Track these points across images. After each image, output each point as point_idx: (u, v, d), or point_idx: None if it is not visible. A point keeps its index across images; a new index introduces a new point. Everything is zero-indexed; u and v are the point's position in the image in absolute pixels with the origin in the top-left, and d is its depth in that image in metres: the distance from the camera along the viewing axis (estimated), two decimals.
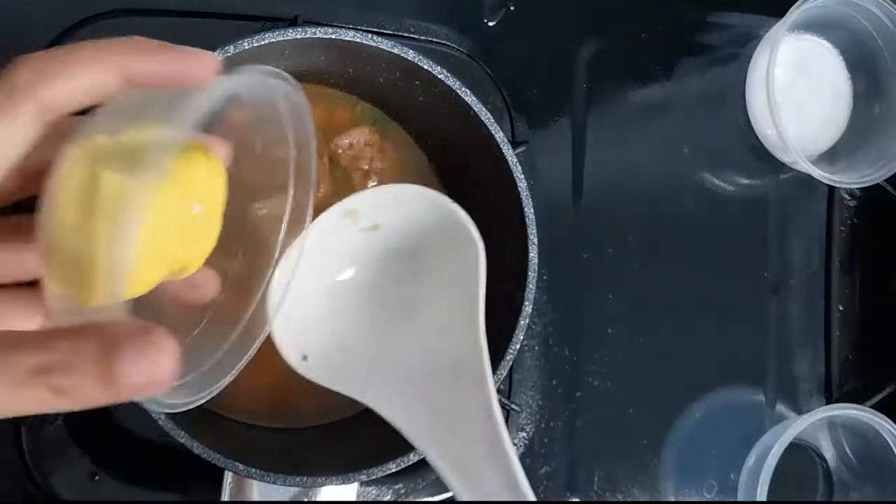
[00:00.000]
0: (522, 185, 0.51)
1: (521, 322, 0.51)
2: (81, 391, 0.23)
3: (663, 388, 0.64)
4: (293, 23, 0.55)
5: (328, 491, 0.50)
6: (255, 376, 0.53)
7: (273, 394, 0.53)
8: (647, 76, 0.66)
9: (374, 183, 0.56)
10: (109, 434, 0.54)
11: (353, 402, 0.56)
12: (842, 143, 0.67)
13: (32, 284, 0.30)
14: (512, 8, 0.63)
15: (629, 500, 0.63)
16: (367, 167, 0.56)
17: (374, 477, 0.47)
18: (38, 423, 0.52)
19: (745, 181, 0.68)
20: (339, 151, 0.55)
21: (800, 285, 0.68)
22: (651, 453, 0.64)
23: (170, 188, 0.28)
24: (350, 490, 0.50)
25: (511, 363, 0.51)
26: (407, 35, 0.61)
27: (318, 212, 0.37)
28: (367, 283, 0.37)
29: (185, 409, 0.30)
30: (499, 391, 0.54)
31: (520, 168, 0.51)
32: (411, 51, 0.50)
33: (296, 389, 0.53)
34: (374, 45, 0.49)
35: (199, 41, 0.55)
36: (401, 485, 0.58)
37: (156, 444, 0.54)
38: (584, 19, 0.65)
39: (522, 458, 0.61)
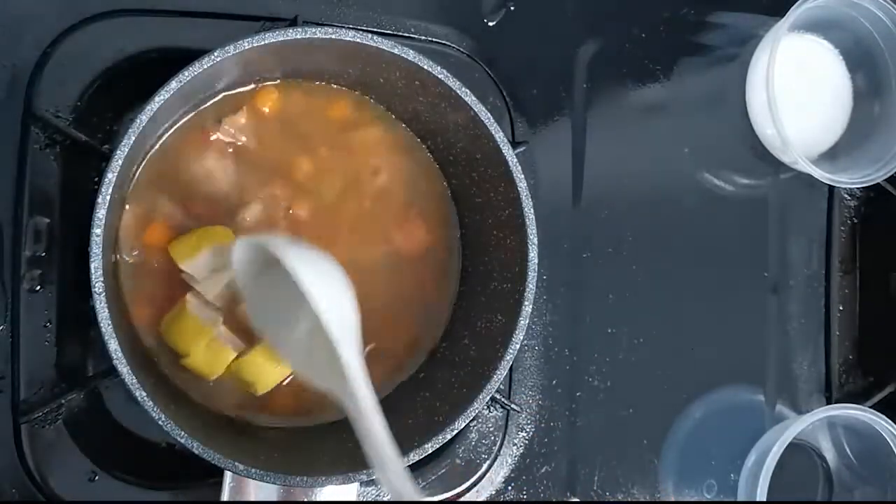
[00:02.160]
0: (522, 185, 0.51)
1: (521, 322, 0.51)
2: None
3: (663, 388, 0.64)
4: (293, 23, 0.55)
5: (329, 491, 0.50)
6: None
7: (273, 395, 0.53)
8: (647, 76, 0.66)
9: (383, 180, 0.56)
10: (109, 434, 0.54)
11: None
12: (842, 143, 0.67)
13: None
14: (512, 8, 0.63)
15: (629, 500, 0.63)
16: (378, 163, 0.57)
17: (374, 477, 0.47)
18: (38, 423, 0.52)
19: (745, 181, 0.68)
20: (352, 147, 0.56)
21: (800, 285, 0.68)
22: (651, 453, 0.64)
23: None
24: (350, 490, 0.50)
25: (511, 363, 0.51)
26: (407, 35, 0.60)
27: (336, 204, 0.55)
28: None
29: None
30: (499, 391, 0.54)
31: (520, 168, 0.51)
32: (411, 51, 0.50)
33: (296, 390, 0.53)
34: (374, 45, 0.49)
35: (199, 41, 0.56)
36: None
37: (156, 444, 0.54)
38: (584, 19, 0.65)
39: (522, 458, 0.61)
